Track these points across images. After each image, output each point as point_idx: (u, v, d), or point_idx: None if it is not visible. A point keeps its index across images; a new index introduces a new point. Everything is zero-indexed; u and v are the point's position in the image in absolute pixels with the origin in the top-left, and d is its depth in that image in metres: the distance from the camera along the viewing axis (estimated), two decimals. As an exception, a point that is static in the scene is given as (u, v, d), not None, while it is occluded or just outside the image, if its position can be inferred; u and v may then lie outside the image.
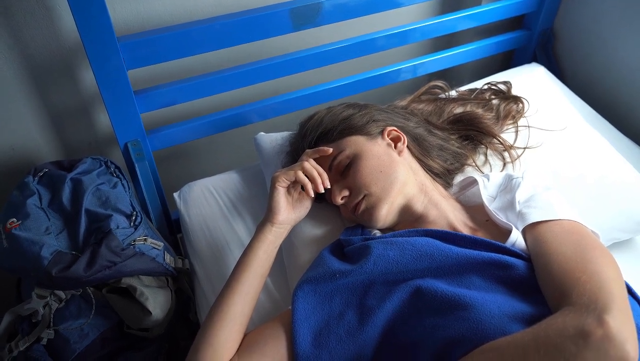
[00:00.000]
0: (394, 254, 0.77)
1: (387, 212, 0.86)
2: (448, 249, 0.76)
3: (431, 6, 1.44)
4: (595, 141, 1.12)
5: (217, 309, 0.79)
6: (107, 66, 0.94)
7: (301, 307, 0.77)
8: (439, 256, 0.75)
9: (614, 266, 0.68)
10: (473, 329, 0.65)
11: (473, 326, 0.65)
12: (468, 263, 0.74)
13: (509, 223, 0.81)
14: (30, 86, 1.09)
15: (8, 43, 1.01)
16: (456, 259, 0.75)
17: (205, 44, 1.02)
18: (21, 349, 0.93)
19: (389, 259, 0.77)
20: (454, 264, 0.75)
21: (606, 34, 1.33)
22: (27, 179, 1.00)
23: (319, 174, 0.85)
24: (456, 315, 0.68)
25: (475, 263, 0.74)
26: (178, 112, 1.27)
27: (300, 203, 0.89)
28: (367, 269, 0.76)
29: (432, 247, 0.77)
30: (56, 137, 1.19)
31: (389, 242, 0.80)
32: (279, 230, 0.86)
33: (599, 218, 1.02)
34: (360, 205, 0.86)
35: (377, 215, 0.86)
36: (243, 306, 0.80)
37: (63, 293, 0.96)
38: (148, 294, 0.96)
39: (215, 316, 0.78)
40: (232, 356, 0.77)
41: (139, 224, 0.98)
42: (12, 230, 0.91)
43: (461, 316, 0.67)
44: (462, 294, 0.70)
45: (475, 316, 0.66)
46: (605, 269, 0.66)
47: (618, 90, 1.35)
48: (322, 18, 1.10)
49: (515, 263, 0.73)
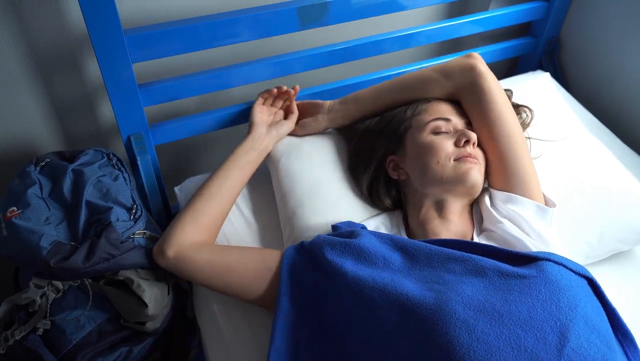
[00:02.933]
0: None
1: (479, 183, 0.90)
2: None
3: (438, 10, 1.44)
4: (597, 150, 1.12)
5: (198, 189, 0.95)
6: (113, 58, 0.94)
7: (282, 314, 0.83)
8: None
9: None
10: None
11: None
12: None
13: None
14: (35, 75, 1.09)
15: (14, 32, 1.01)
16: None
17: (211, 40, 1.02)
18: (17, 338, 0.93)
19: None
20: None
21: (613, 45, 1.33)
22: (29, 169, 1.00)
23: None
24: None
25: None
26: (182, 107, 1.27)
27: (279, 122, 1.07)
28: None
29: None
30: (59, 128, 1.19)
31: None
32: (258, 142, 1.02)
33: (599, 228, 1.02)
34: (477, 159, 0.90)
35: (477, 176, 0.89)
36: (221, 187, 0.96)
37: (61, 283, 0.96)
38: (145, 287, 0.96)
39: (196, 193, 0.95)
40: (210, 239, 0.94)
41: (139, 218, 0.98)
42: (12, 219, 0.91)
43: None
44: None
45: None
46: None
47: (623, 101, 1.34)
48: (329, 18, 1.10)
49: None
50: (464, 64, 0.97)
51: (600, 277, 0.81)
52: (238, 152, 1.00)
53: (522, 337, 0.65)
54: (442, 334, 0.65)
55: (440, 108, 0.97)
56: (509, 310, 0.67)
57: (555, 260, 0.74)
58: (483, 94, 0.93)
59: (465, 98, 0.96)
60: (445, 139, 0.91)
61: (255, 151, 1.02)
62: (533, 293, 0.69)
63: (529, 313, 0.67)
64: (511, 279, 0.72)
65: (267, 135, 1.04)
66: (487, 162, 0.94)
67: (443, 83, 0.98)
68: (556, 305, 0.68)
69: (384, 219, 0.97)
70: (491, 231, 0.88)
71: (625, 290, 1.01)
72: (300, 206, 0.98)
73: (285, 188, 1.01)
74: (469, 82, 0.95)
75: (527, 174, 0.90)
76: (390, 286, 0.73)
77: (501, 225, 0.85)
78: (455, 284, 0.72)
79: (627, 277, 1.05)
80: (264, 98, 1.09)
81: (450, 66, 0.99)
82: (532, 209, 0.88)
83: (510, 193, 0.89)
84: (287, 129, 1.07)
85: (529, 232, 0.85)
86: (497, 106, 0.92)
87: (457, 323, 0.66)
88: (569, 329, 0.66)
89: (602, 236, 1.03)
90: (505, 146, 0.91)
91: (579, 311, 0.68)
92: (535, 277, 0.71)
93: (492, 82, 0.95)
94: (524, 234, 0.83)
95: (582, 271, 0.75)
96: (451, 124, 0.94)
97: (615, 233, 1.03)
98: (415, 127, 0.96)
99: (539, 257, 0.75)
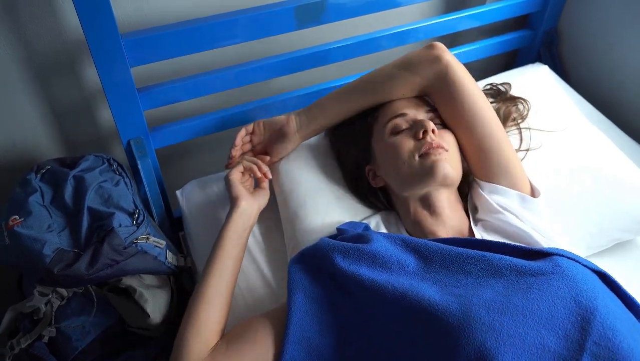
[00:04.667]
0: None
1: (450, 173, 0.85)
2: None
3: (435, 5, 1.43)
4: (598, 141, 1.11)
5: (196, 292, 0.84)
6: (111, 62, 0.93)
7: (297, 307, 0.78)
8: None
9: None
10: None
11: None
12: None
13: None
14: (33, 81, 1.08)
15: (11, 39, 1.01)
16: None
17: (210, 42, 1.02)
18: (23, 346, 0.93)
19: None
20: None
21: (611, 35, 1.33)
22: (30, 176, 1.00)
23: (255, 163, 0.98)
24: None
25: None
26: (181, 110, 1.27)
27: (258, 192, 0.98)
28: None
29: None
30: (58, 134, 1.19)
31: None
32: (245, 215, 0.93)
33: (601, 218, 1.02)
34: (442, 147, 0.86)
35: (445, 167, 0.85)
36: (219, 287, 0.84)
37: (65, 290, 0.95)
38: (147, 296, 0.96)
39: (194, 299, 0.83)
40: (219, 338, 0.80)
41: (142, 223, 0.98)
42: (14, 227, 0.90)
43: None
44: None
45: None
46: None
47: (623, 91, 1.34)
48: (326, 16, 1.09)
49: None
50: (428, 56, 0.91)
51: (603, 268, 0.80)
52: (229, 236, 0.89)
53: (545, 337, 0.65)
54: (470, 340, 0.64)
55: (394, 106, 0.94)
56: (531, 309, 0.67)
57: (568, 255, 0.74)
58: (453, 85, 0.89)
59: (435, 92, 0.92)
60: (405, 136, 0.88)
61: (247, 230, 0.93)
62: (552, 290, 0.68)
63: (550, 312, 0.66)
64: (529, 277, 0.71)
65: (253, 208, 0.95)
66: (467, 155, 0.92)
67: (410, 80, 0.93)
68: (575, 301, 0.67)
69: (383, 217, 0.96)
70: (487, 221, 0.87)
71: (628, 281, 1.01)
72: (302, 208, 0.97)
73: (286, 190, 1.00)
74: (436, 74, 0.91)
75: (508, 161, 0.89)
76: (410, 291, 0.71)
77: (501, 216, 0.85)
78: (475, 288, 0.71)
79: (630, 268, 1.05)
80: (240, 172, 0.98)
81: (413, 60, 0.93)
82: (516, 200, 0.87)
83: (493, 183, 0.88)
84: (266, 200, 0.99)
85: (527, 223, 0.85)
86: (469, 96, 0.89)
87: (483, 328, 0.65)
88: (590, 323, 0.65)
89: (602, 226, 1.02)
90: (482, 136, 0.89)
91: (599, 302, 0.67)
92: (551, 273, 0.70)
93: (460, 71, 0.90)
94: (527, 227, 0.83)
95: (593, 266, 0.75)
96: (409, 118, 0.91)
97: (616, 221, 1.03)
98: (376, 132, 0.94)
99: (552, 252, 0.75)
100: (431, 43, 0.92)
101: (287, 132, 1.00)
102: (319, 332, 0.77)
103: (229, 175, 0.96)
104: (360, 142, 0.97)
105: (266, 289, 0.98)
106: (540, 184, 0.91)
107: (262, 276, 1.00)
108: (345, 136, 1.00)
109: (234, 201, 0.93)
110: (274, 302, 0.95)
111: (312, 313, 0.78)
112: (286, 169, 1.03)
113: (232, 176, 0.96)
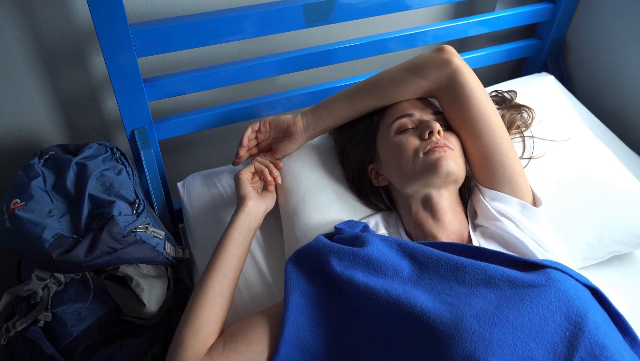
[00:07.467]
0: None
1: (454, 170, 0.86)
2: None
3: (444, 10, 1.44)
4: (601, 153, 1.11)
5: (197, 291, 0.83)
6: (118, 52, 0.94)
7: (293, 306, 0.79)
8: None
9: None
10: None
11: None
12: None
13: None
14: (40, 68, 1.09)
15: (21, 25, 1.02)
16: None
17: (217, 36, 1.03)
18: (18, 329, 0.94)
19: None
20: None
21: (618, 48, 1.33)
22: (33, 161, 1.01)
23: (266, 167, 0.98)
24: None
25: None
26: (186, 103, 1.27)
27: (265, 195, 0.98)
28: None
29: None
30: (63, 121, 1.19)
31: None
32: (251, 216, 0.91)
33: (600, 229, 1.02)
34: (447, 146, 0.87)
35: (449, 164, 0.85)
36: (221, 287, 0.84)
37: (63, 276, 0.96)
38: (144, 286, 0.96)
39: (195, 298, 0.83)
40: (217, 337, 0.80)
41: (141, 212, 0.98)
42: (15, 211, 0.91)
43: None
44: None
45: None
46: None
47: (628, 104, 1.34)
48: (334, 15, 1.10)
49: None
50: (438, 59, 0.90)
51: (599, 279, 0.81)
52: (234, 237, 0.88)
53: (534, 349, 0.65)
54: (459, 349, 0.65)
55: (401, 106, 0.94)
56: (522, 321, 0.67)
57: (562, 269, 0.74)
58: (462, 90, 0.89)
59: (443, 95, 0.92)
60: (410, 135, 0.89)
61: (252, 231, 0.92)
62: (544, 303, 0.69)
63: (540, 325, 0.67)
64: (522, 289, 0.71)
65: (260, 209, 0.94)
66: (471, 160, 0.92)
67: (418, 83, 0.92)
68: (566, 316, 0.68)
69: (383, 218, 0.97)
70: (486, 228, 0.87)
71: (625, 293, 1.01)
72: (302, 204, 0.98)
73: (286, 187, 1.01)
74: (445, 78, 0.90)
75: (513, 169, 0.89)
76: (403, 298, 0.72)
77: (499, 223, 0.85)
78: (468, 296, 0.72)
79: (627, 280, 1.05)
80: (251, 172, 0.98)
81: (422, 63, 0.92)
82: (517, 208, 0.87)
83: (496, 190, 0.88)
84: (273, 203, 0.99)
85: (525, 232, 0.85)
86: (477, 101, 0.89)
87: (474, 338, 0.65)
88: (578, 338, 0.65)
89: (602, 238, 1.02)
90: (488, 143, 0.88)
91: (589, 318, 0.67)
92: (545, 286, 0.71)
93: (470, 76, 0.90)
94: (525, 236, 0.84)
95: (586, 281, 0.75)
96: (415, 118, 0.91)
97: (615, 234, 1.03)
98: (382, 131, 0.94)
99: (546, 265, 0.75)
100: (441, 46, 0.91)
101: (294, 132, 1.01)
102: (313, 332, 0.78)
103: (239, 174, 0.96)
104: (365, 140, 0.97)
105: (263, 286, 0.98)
106: (541, 193, 0.91)
107: (260, 273, 1.00)
108: (350, 134, 1.01)
109: (242, 200, 0.92)
110: (271, 298, 0.96)
111: (308, 313, 0.79)
112: (288, 166, 1.03)
113: (243, 175, 0.96)
